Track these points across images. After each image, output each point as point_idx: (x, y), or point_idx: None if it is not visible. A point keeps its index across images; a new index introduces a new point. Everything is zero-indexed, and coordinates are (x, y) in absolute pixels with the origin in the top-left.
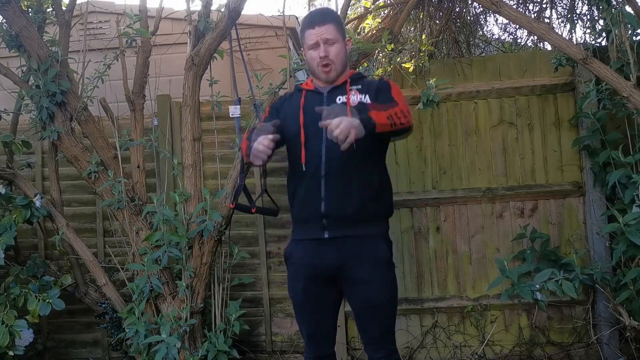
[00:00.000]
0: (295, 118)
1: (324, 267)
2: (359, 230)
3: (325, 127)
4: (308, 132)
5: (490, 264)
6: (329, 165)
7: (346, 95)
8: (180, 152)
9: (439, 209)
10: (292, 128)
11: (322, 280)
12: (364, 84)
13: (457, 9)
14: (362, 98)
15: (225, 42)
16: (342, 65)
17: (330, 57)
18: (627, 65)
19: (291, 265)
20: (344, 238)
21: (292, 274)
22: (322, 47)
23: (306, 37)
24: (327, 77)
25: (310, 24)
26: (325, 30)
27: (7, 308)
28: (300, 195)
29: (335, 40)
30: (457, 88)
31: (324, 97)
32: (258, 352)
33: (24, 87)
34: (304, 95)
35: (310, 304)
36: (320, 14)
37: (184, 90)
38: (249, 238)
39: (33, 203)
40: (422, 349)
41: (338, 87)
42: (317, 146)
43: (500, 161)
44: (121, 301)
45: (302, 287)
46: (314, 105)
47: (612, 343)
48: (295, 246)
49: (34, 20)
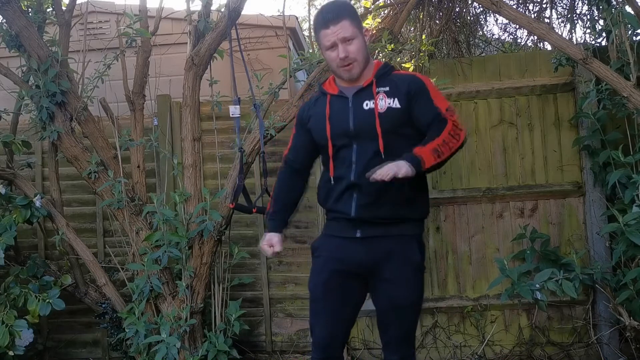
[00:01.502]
0: (322, 128)
1: (353, 264)
2: (393, 231)
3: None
4: (336, 142)
5: (490, 264)
6: (359, 173)
7: (373, 99)
8: (180, 152)
9: (439, 209)
10: (320, 139)
11: (347, 276)
12: (392, 83)
13: (457, 9)
14: (390, 103)
15: (225, 42)
16: (365, 59)
17: (351, 57)
18: (627, 65)
19: (317, 258)
20: (376, 238)
21: (316, 266)
22: (341, 47)
23: (322, 38)
24: (350, 75)
25: (324, 23)
26: (341, 28)
27: (7, 308)
28: (332, 201)
29: (353, 36)
30: (457, 88)
31: (349, 102)
32: (258, 352)
33: (24, 87)
34: (329, 101)
35: (329, 300)
36: (333, 10)
37: (184, 90)
38: (249, 238)
39: (33, 203)
40: (422, 349)
41: (363, 89)
42: (347, 155)
43: (500, 161)
44: (121, 301)
45: (324, 279)
46: (339, 112)
47: (612, 343)
48: (324, 240)
49: (34, 20)
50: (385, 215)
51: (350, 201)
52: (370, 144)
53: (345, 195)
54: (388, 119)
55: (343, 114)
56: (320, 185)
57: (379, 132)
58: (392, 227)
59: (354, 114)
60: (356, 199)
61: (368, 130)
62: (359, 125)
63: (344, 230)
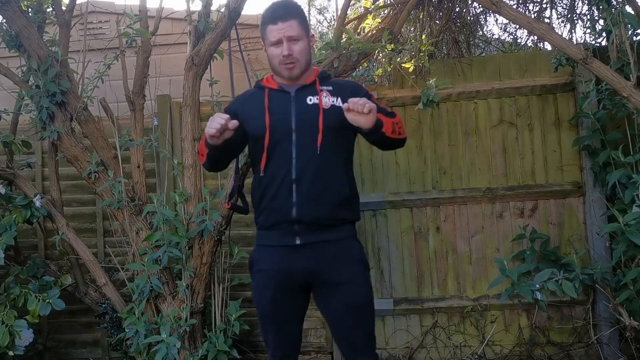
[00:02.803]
0: (260, 119)
1: (297, 274)
2: (332, 235)
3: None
4: (275, 134)
5: (490, 264)
6: (300, 169)
7: (317, 95)
8: (180, 152)
9: (439, 209)
10: (256, 130)
11: (292, 289)
12: (335, 85)
13: (457, 9)
14: (334, 101)
15: (225, 42)
16: (307, 62)
17: (294, 56)
18: (627, 65)
19: (258, 272)
20: (317, 243)
21: (259, 282)
22: (286, 44)
23: (268, 33)
24: (290, 73)
25: (272, 19)
26: (289, 26)
27: (7, 308)
28: (269, 200)
29: (299, 38)
30: (457, 88)
31: (291, 96)
32: (258, 352)
33: (24, 87)
34: (267, 94)
35: (279, 315)
36: (284, 8)
37: (184, 90)
38: (249, 238)
39: (33, 203)
40: (422, 349)
41: (307, 86)
42: (286, 149)
43: (500, 161)
44: (121, 301)
45: (270, 297)
46: (280, 105)
47: (612, 343)
48: (262, 252)
49: (34, 20)
50: (324, 215)
51: (290, 199)
52: (311, 140)
53: (284, 192)
54: (331, 116)
55: (284, 107)
56: (255, 185)
57: (320, 127)
58: (331, 231)
59: (297, 108)
60: (296, 196)
61: (310, 125)
62: (301, 119)
63: (282, 238)
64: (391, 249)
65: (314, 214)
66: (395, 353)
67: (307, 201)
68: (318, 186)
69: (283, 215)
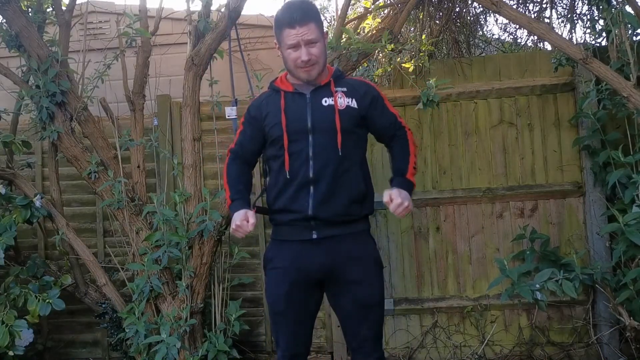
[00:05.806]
0: (277, 122)
1: (313, 270)
2: (347, 229)
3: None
4: (292, 136)
5: (490, 264)
6: (317, 169)
7: (332, 97)
8: (180, 152)
9: (439, 209)
10: (275, 131)
11: (307, 285)
12: (348, 86)
13: (457, 9)
14: (349, 102)
15: (225, 42)
16: (324, 63)
17: (313, 59)
18: (627, 65)
19: (273, 269)
20: (333, 237)
21: (273, 278)
22: (305, 49)
23: (284, 36)
24: (308, 76)
25: (290, 22)
26: (307, 30)
27: (7, 308)
28: (286, 199)
29: (317, 40)
30: (457, 88)
31: (307, 98)
32: (258, 352)
33: (24, 87)
34: (283, 96)
35: (293, 313)
36: (301, 11)
37: (184, 90)
38: (249, 238)
39: (33, 203)
40: (422, 349)
41: (321, 87)
42: (303, 150)
43: (500, 161)
44: (121, 301)
45: (284, 293)
46: (297, 107)
47: (612, 343)
48: (278, 248)
49: (34, 20)
50: (340, 212)
51: (307, 198)
52: (327, 140)
53: (302, 192)
54: (347, 117)
55: (300, 109)
56: (270, 184)
57: (338, 128)
58: (346, 225)
59: (313, 109)
60: (313, 195)
61: (327, 126)
62: (317, 120)
63: (299, 233)
64: (391, 249)
65: (331, 212)
66: (395, 353)
67: (324, 200)
68: (336, 185)
69: (300, 213)
